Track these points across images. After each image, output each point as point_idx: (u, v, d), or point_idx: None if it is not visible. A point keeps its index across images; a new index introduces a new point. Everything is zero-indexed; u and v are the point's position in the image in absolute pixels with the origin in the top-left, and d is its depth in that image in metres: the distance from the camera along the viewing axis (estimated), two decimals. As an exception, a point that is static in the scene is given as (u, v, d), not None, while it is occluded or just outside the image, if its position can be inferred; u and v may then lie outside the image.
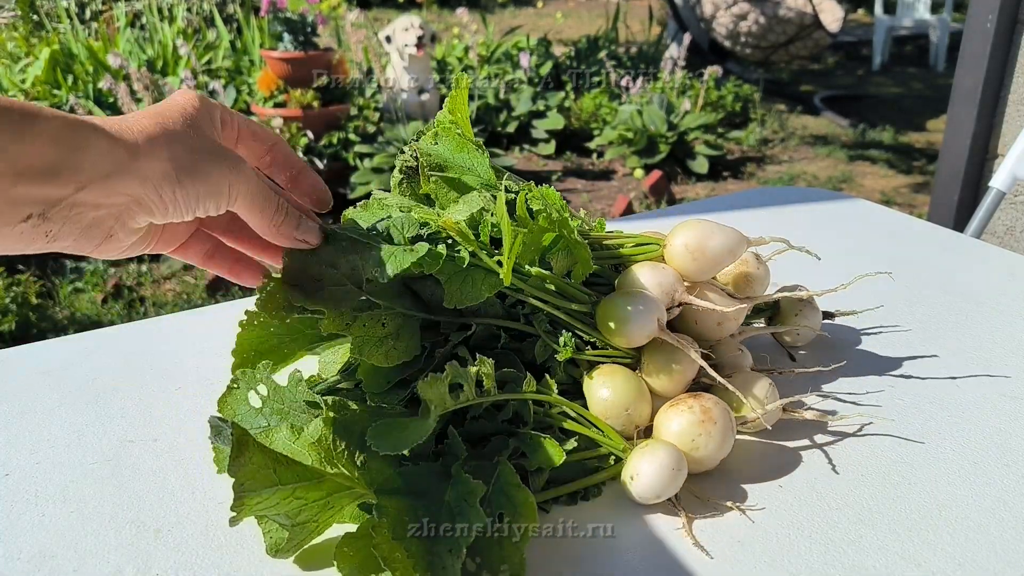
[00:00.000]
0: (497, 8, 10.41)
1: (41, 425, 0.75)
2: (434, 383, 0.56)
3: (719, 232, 0.70)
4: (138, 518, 0.63)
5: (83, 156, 0.47)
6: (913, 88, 6.94)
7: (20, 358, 0.88)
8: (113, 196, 0.49)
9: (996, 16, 2.20)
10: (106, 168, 0.48)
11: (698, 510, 0.62)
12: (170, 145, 0.51)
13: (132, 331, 0.95)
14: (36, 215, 0.47)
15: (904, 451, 0.69)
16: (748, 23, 6.45)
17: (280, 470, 0.53)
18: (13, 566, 0.58)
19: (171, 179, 0.51)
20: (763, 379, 0.69)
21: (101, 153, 0.48)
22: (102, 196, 0.49)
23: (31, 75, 4.99)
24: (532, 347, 0.69)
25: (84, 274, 3.39)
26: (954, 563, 0.56)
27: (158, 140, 0.51)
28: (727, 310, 0.70)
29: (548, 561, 0.57)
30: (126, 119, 0.51)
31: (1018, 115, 2.27)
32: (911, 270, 1.06)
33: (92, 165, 0.47)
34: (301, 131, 4.24)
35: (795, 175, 4.79)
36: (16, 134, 0.45)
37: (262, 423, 0.64)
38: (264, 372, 0.65)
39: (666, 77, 5.26)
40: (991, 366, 0.82)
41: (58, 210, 0.48)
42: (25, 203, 0.46)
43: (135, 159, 0.49)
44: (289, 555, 0.57)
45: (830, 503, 0.63)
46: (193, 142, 0.53)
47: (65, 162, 0.46)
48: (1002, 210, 2.29)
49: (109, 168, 0.48)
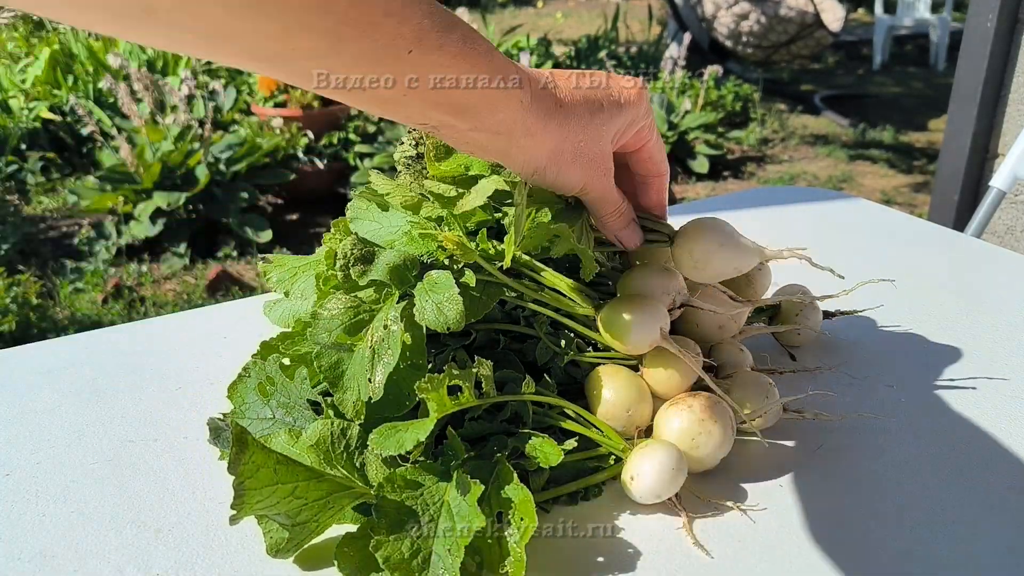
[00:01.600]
0: (497, 8, 10.41)
1: (41, 425, 0.75)
2: (433, 383, 0.56)
3: (728, 247, 0.68)
4: (138, 518, 0.63)
5: (492, 114, 0.54)
6: (913, 87, 6.93)
7: (20, 358, 0.88)
8: (491, 147, 0.56)
9: (996, 15, 2.20)
10: (501, 128, 0.55)
11: (698, 510, 0.62)
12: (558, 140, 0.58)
13: (132, 331, 0.95)
14: (431, 126, 0.54)
15: (905, 450, 0.69)
16: (749, 23, 6.45)
17: (280, 469, 0.53)
18: (14, 566, 0.58)
19: (538, 168, 0.59)
20: (763, 379, 0.70)
21: (505, 117, 0.54)
22: (485, 141, 0.56)
23: (31, 75, 4.99)
24: (533, 348, 0.69)
25: (84, 274, 3.39)
26: (955, 562, 0.57)
27: (551, 131, 0.57)
28: (728, 312, 0.70)
29: (548, 561, 0.57)
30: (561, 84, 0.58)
31: (1018, 114, 2.27)
32: (911, 270, 1.06)
33: (494, 123, 0.54)
34: (301, 131, 4.24)
35: (795, 175, 4.79)
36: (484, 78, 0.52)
37: (267, 414, 0.64)
38: (273, 365, 0.65)
39: (666, 77, 5.25)
40: (992, 366, 0.82)
41: (447, 131, 0.55)
42: (430, 120, 0.53)
43: (526, 135, 0.56)
44: (289, 555, 0.57)
45: (831, 503, 0.63)
46: (579, 144, 0.59)
47: (478, 110, 0.53)
48: (1003, 210, 2.29)
49: (503, 129, 0.55)
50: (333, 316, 0.61)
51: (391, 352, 0.58)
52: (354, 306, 0.62)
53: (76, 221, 4.01)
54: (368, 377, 0.58)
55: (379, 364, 0.58)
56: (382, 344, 0.59)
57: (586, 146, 0.60)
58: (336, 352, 0.60)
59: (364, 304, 0.62)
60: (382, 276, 0.62)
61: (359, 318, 0.61)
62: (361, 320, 0.61)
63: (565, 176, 0.60)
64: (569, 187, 0.62)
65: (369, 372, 0.58)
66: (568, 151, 0.59)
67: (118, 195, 3.66)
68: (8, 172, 4.38)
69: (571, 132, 0.58)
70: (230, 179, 3.84)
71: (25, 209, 4.16)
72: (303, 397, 0.65)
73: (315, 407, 0.65)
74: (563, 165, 0.59)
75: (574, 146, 0.59)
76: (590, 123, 0.59)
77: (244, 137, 4.03)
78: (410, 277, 0.63)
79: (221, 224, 3.75)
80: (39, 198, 4.27)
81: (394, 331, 0.59)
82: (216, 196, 3.75)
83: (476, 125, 0.54)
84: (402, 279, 0.63)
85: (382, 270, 0.62)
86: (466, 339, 0.68)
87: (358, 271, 0.63)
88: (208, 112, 3.97)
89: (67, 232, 3.92)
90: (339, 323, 0.61)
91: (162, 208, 3.57)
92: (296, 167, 4.14)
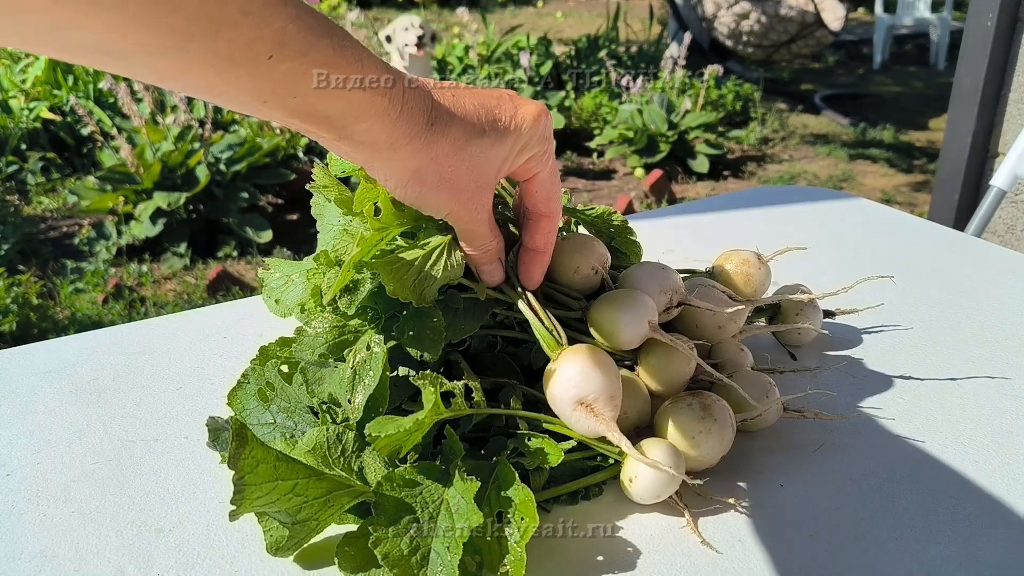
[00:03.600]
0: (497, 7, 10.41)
1: (42, 425, 0.75)
2: (426, 377, 0.57)
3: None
4: (139, 518, 0.63)
5: (355, 125, 0.50)
6: (914, 87, 6.93)
7: (21, 358, 0.88)
8: (355, 157, 0.54)
9: (996, 15, 2.20)
10: (361, 139, 0.52)
11: (699, 508, 0.62)
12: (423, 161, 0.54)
13: (132, 331, 0.95)
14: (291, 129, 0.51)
15: (905, 450, 0.69)
16: (750, 22, 6.45)
17: (280, 466, 0.53)
18: (14, 566, 0.58)
19: (400, 184, 0.55)
20: (763, 378, 0.69)
21: (369, 127, 0.51)
22: (349, 151, 0.53)
23: (31, 75, 4.99)
24: (528, 351, 0.69)
25: (84, 274, 3.40)
26: (955, 561, 0.57)
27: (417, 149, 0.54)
28: (726, 311, 0.70)
29: (548, 561, 0.57)
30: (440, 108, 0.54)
31: (1019, 114, 2.27)
32: (912, 269, 1.06)
33: (355, 134, 0.51)
34: (301, 131, 4.24)
35: (796, 174, 4.79)
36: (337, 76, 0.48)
37: (268, 419, 0.64)
38: (272, 370, 0.66)
39: (666, 76, 5.25)
40: (992, 365, 0.82)
41: (312, 136, 0.52)
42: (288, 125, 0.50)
43: (390, 148, 0.53)
44: (289, 554, 0.57)
45: (831, 502, 0.63)
46: (447, 169, 0.56)
47: (342, 120, 0.50)
48: (1003, 209, 2.29)
49: (367, 140, 0.52)
50: (318, 334, 0.62)
51: (372, 374, 0.58)
52: (339, 326, 0.62)
53: (76, 221, 4.01)
54: (348, 398, 0.58)
55: (359, 386, 0.58)
56: (364, 366, 0.59)
57: (455, 172, 0.56)
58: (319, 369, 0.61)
59: (349, 325, 0.63)
60: (368, 303, 0.63)
61: (343, 338, 0.62)
62: (345, 340, 0.62)
63: (427, 198, 0.57)
64: (433, 211, 0.58)
65: (349, 393, 0.58)
66: (432, 173, 0.55)
67: (118, 195, 3.66)
68: (8, 172, 4.39)
69: (438, 155, 0.54)
70: (230, 179, 3.84)
71: (25, 209, 4.16)
72: (303, 402, 0.65)
73: (315, 411, 0.65)
74: (426, 187, 0.56)
75: (439, 169, 0.55)
76: (465, 148, 0.55)
77: (244, 137, 4.03)
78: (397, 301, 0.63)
79: (221, 224, 3.75)
80: (39, 198, 4.27)
81: (376, 353, 0.59)
82: (216, 196, 3.75)
83: (340, 135, 0.51)
84: (389, 303, 0.63)
85: (367, 297, 0.63)
86: (461, 345, 0.68)
87: (345, 302, 0.63)
88: (208, 112, 3.98)
89: (67, 232, 3.92)
90: (323, 341, 0.62)
91: (162, 208, 3.57)
92: (296, 167, 4.14)
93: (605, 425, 0.59)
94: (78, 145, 4.73)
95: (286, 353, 0.66)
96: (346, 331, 0.62)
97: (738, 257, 0.80)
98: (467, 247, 0.63)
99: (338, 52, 0.47)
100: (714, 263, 0.82)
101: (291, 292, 0.74)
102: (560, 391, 0.59)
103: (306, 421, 0.64)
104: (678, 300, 0.70)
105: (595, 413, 0.59)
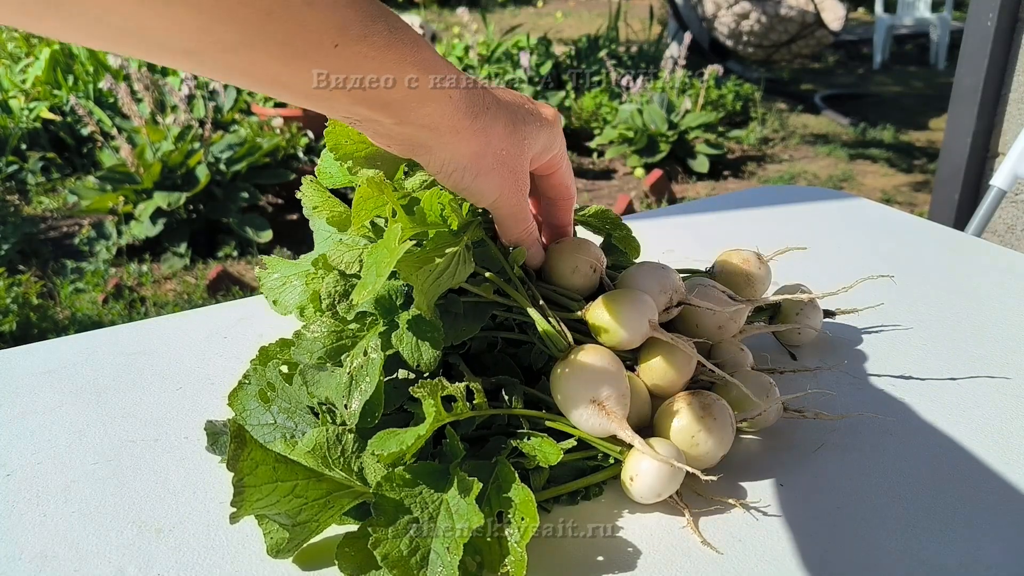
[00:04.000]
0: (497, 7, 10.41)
1: (42, 425, 0.75)
2: (426, 387, 0.57)
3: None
4: (139, 518, 0.63)
5: (420, 108, 0.51)
6: (914, 87, 6.93)
7: (21, 358, 0.88)
8: (415, 140, 0.54)
9: (996, 14, 2.20)
10: (428, 122, 0.53)
11: (699, 508, 0.62)
12: (483, 143, 0.56)
13: (132, 331, 0.95)
14: (353, 120, 0.53)
15: (905, 450, 0.69)
16: (750, 22, 6.45)
17: (279, 467, 0.53)
18: (15, 566, 0.58)
19: (458, 168, 0.56)
20: (764, 378, 0.69)
21: (433, 111, 0.52)
22: (410, 135, 0.53)
23: (31, 75, 4.99)
24: (528, 352, 0.69)
25: (84, 274, 3.40)
26: (956, 561, 0.57)
27: (477, 131, 0.55)
28: (727, 311, 0.69)
29: (548, 561, 0.57)
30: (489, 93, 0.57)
31: (1019, 113, 2.27)
32: (912, 269, 1.06)
33: (418, 118, 0.52)
34: (302, 131, 4.24)
35: (796, 174, 4.79)
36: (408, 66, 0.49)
37: (269, 420, 0.64)
38: (273, 371, 0.66)
39: (666, 76, 5.25)
40: (992, 365, 0.82)
41: (370, 125, 0.53)
42: (355, 115, 0.51)
43: (452, 132, 0.54)
44: (289, 555, 0.57)
45: (831, 502, 0.63)
46: (502, 152, 0.58)
47: (405, 104, 0.51)
48: (1003, 208, 2.29)
49: (430, 123, 0.53)
50: (316, 339, 0.62)
51: (369, 380, 0.58)
52: (337, 330, 0.62)
53: (76, 221, 4.01)
54: (344, 403, 0.58)
55: (356, 391, 0.58)
56: (361, 371, 0.59)
57: (508, 156, 0.58)
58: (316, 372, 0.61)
59: (348, 330, 0.63)
60: (368, 308, 0.63)
61: (341, 343, 0.62)
62: (343, 345, 0.62)
63: (482, 182, 0.58)
64: (484, 195, 0.60)
65: (345, 398, 0.58)
66: (490, 156, 0.57)
67: (118, 195, 3.66)
68: (8, 172, 4.39)
69: (496, 137, 0.57)
70: (230, 179, 3.84)
71: (25, 209, 4.16)
72: (303, 403, 0.65)
73: (315, 412, 0.65)
74: (482, 170, 0.57)
75: (497, 152, 0.57)
76: (514, 133, 0.58)
77: (244, 137, 4.03)
78: (396, 306, 0.63)
79: (221, 224, 3.75)
80: (39, 198, 4.27)
81: (374, 359, 0.59)
82: (216, 196, 3.75)
83: (402, 119, 0.52)
84: (388, 308, 0.63)
85: (368, 303, 0.63)
86: (461, 348, 0.68)
87: (344, 307, 0.63)
88: (208, 112, 3.98)
89: (67, 232, 3.92)
90: (321, 346, 0.62)
91: (162, 208, 3.57)
92: (296, 167, 4.14)
93: (617, 423, 0.59)
94: (78, 145, 4.73)
95: (286, 354, 0.66)
96: (344, 336, 0.62)
97: (738, 257, 0.80)
98: (512, 232, 0.65)
99: (394, 35, 0.48)
100: (714, 263, 0.82)
101: (289, 294, 0.74)
102: (573, 388, 0.60)
103: (307, 422, 0.64)
104: (678, 300, 0.70)
105: (607, 411, 0.59)
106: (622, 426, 0.60)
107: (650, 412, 0.68)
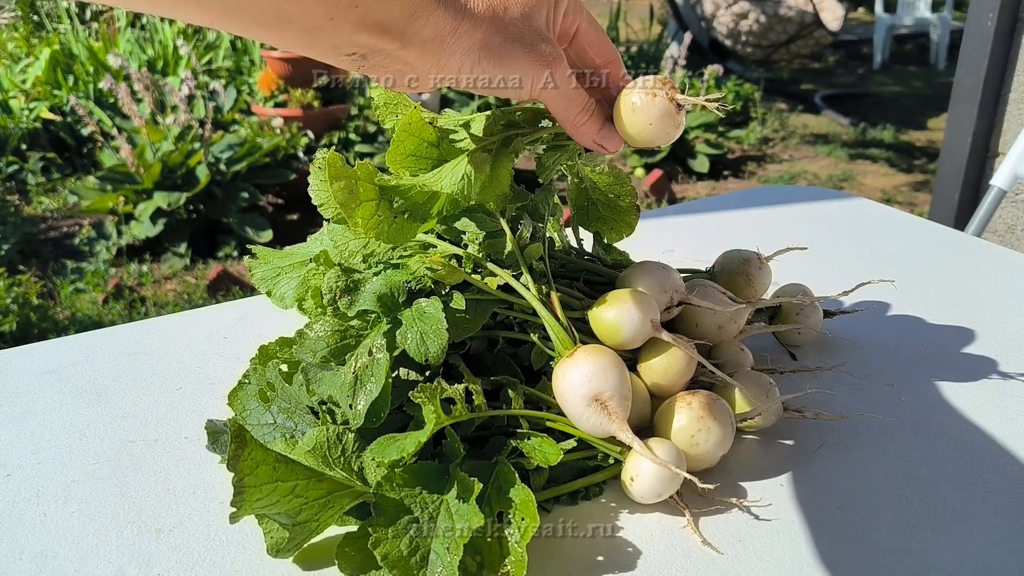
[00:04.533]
0: (497, 7, 10.39)
1: (42, 425, 0.75)
2: (425, 391, 0.57)
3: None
4: (139, 518, 0.63)
5: (414, 22, 0.51)
6: (914, 87, 6.93)
7: (21, 358, 0.88)
8: (424, 60, 0.54)
9: (997, 14, 2.20)
10: (427, 35, 0.52)
11: (699, 508, 0.62)
12: (489, 28, 0.54)
13: (132, 331, 0.95)
14: (359, 55, 0.52)
15: (904, 450, 0.69)
16: (749, 22, 6.45)
17: (279, 467, 0.53)
18: (15, 566, 0.58)
19: (473, 59, 0.55)
20: (764, 378, 0.69)
21: (429, 22, 0.52)
22: (415, 57, 0.53)
23: (31, 75, 4.99)
24: (528, 352, 0.69)
25: (84, 274, 3.40)
26: (955, 560, 0.57)
27: (480, 20, 0.54)
28: (727, 311, 0.69)
29: (548, 561, 0.57)
30: None
31: (1019, 113, 2.27)
32: (912, 269, 1.06)
33: (418, 30, 0.52)
34: (302, 131, 4.24)
35: (796, 174, 4.79)
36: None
37: (268, 419, 0.64)
38: (273, 371, 0.66)
39: (666, 76, 5.25)
40: (992, 364, 0.82)
41: (377, 57, 0.53)
42: (357, 45, 0.51)
43: (453, 33, 0.53)
44: (289, 555, 0.57)
45: (831, 501, 0.63)
46: (514, 30, 0.56)
47: (399, 23, 0.51)
48: (1003, 208, 2.29)
49: (429, 36, 0.52)
50: (319, 338, 0.62)
51: (375, 380, 0.58)
52: (340, 330, 0.62)
53: (76, 221, 4.01)
54: (349, 404, 0.58)
55: (361, 392, 0.58)
56: (366, 371, 0.59)
57: (515, 29, 0.56)
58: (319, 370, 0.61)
59: (351, 328, 0.62)
60: (370, 305, 0.63)
61: (345, 342, 0.62)
62: (347, 344, 0.62)
63: (506, 65, 0.55)
64: (516, 82, 0.57)
65: (350, 399, 0.58)
66: (498, 39, 0.55)
67: (118, 195, 3.66)
68: (8, 172, 4.39)
69: (494, 19, 0.54)
70: (230, 179, 3.84)
71: (25, 209, 4.16)
72: (303, 402, 0.65)
73: (315, 411, 0.65)
74: (497, 54, 0.55)
75: (502, 31, 0.55)
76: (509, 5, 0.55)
77: (244, 137, 4.03)
78: (398, 303, 0.63)
79: (221, 224, 3.75)
80: (39, 198, 4.27)
81: (379, 359, 0.59)
82: (216, 196, 3.75)
83: (404, 41, 0.52)
84: (390, 306, 0.63)
85: (370, 299, 0.63)
86: (462, 348, 0.68)
87: (345, 303, 0.63)
88: (208, 112, 3.98)
89: (67, 232, 3.92)
90: (324, 346, 0.61)
91: (162, 208, 3.57)
92: (296, 167, 4.14)
93: (617, 424, 0.59)
94: (78, 145, 4.73)
95: (286, 353, 0.66)
96: (348, 335, 0.62)
97: (739, 257, 0.80)
98: (572, 116, 0.60)
99: None
100: (714, 263, 0.82)
101: (284, 285, 0.73)
102: (575, 387, 0.60)
103: (306, 422, 0.64)
104: (679, 299, 0.70)
105: (608, 411, 0.59)
106: (622, 427, 0.60)
107: (650, 412, 0.68)
